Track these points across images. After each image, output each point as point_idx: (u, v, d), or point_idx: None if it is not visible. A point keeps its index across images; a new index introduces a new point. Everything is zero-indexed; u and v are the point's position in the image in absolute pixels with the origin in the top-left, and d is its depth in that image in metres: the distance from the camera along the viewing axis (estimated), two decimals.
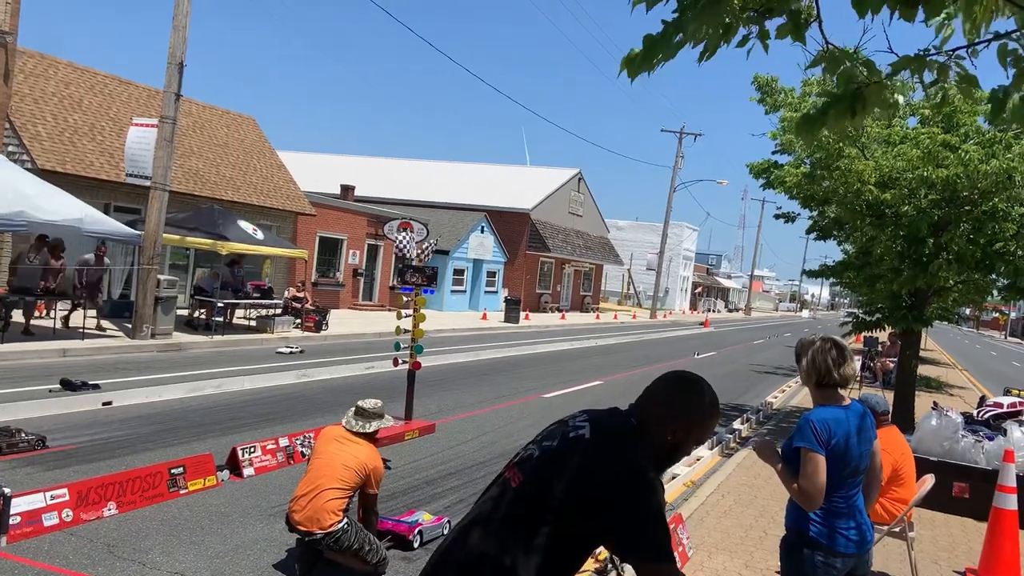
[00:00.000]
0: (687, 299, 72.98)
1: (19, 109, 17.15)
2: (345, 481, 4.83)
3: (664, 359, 23.25)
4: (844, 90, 2.26)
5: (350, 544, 4.76)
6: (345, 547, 4.76)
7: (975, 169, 9.74)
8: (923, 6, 2.07)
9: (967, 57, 2.24)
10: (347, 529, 4.75)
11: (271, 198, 24.06)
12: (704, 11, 2.06)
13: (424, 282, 9.43)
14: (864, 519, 3.35)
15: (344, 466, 4.85)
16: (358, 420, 5.18)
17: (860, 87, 2.24)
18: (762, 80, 11.56)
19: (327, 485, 4.76)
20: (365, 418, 5.20)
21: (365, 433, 5.15)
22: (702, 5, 2.06)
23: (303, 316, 19.52)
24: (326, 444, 5.05)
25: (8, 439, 7.06)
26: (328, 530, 4.69)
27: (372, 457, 5.04)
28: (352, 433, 5.12)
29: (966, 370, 31.22)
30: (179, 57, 14.90)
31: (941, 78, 2.24)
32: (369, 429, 5.17)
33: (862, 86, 2.24)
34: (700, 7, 2.07)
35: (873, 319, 13.35)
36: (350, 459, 4.90)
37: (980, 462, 7.94)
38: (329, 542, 4.72)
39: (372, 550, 4.88)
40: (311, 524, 4.71)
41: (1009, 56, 2.17)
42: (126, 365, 12.61)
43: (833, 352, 3.30)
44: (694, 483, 8.62)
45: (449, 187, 40.37)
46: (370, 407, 5.24)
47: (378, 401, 5.33)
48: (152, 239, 14.95)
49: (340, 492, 4.78)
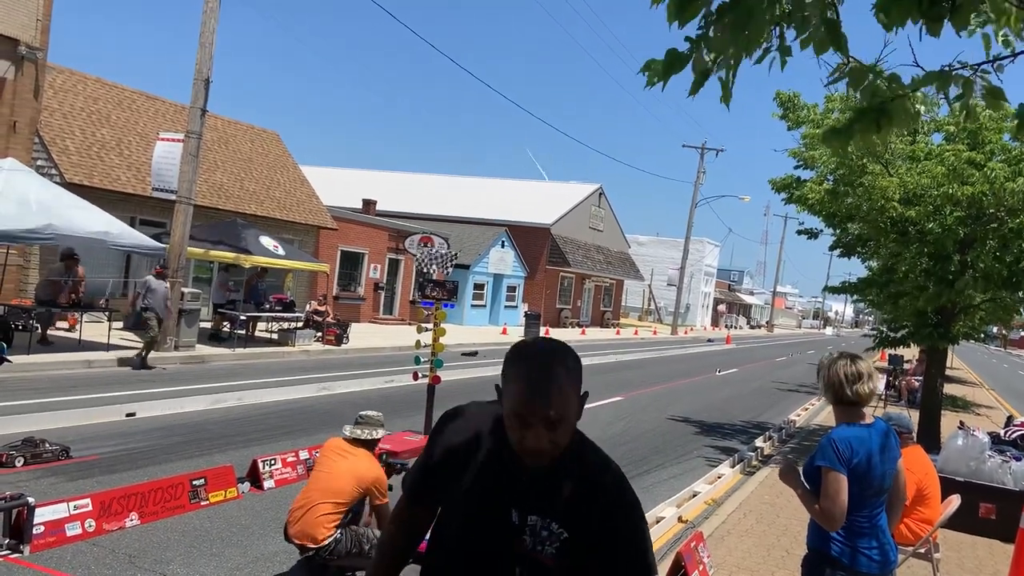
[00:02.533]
0: (708, 315, 72.56)
1: (48, 124, 17.46)
2: (340, 495, 4.72)
3: (685, 375, 23.11)
4: (869, 104, 2.25)
5: (348, 550, 4.73)
6: (344, 554, 4.73)
7: (1001, 187, 9.63)
8: (951, 21, 2.06)
9: (992, 72, 2.23)
10: (340, 539, 4.71)
11: (294, 212, 24.27)
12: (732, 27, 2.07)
13: (444, 296, 9.46)
14: (887, 539, 3.30)
15: (339, 480, 4.76)
16: (363, 429, 5.03)
17: (884, 101, 2.23)
18: (784, 96, 11.54)
19: (320, 499, 4.69)
20: (370, 425, 5.05)
21: (365, 442, 5.01)
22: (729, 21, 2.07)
23: (324, 329, 19.62)
24: (325, 457, 4.98)
25: (32, 449, 7.13)
26: (321, 544, 4.65)
27: (369, 468, 4.89)
28: (352, 443, 4.98)
29: (993, 389, 30.75)
30: (205, 73, 15.11)
31: (966, 93, 2.23)
32: (377, 435, 5.03)
33: (887, 100, 2.23)
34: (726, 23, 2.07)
35: (898, 336, 13.20)
36: (345, 472, 4.78)
37: (1007, 483, 7.81)
38: (325, 555, 4.69)
39: (374, 545, 4.84)
40: (304, 538, 4.66)
41: None
42: (149, 376, 12.73)
43: (849, 368, 3.26)
44: (715, 501, 8.54)
45: (470, 202, 40.51)
46: (372, 415, 5.11)
47: (378, 413, 5.20)
48: (177, 252, 15.13)
49: (333, 507, 4.68)
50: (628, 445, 11.26)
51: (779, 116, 11.70)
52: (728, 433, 13.54)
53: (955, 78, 2.23)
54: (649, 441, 11.79)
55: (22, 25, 15.17)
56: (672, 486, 8.97)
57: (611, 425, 12.77)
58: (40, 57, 15.65)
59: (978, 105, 2.30)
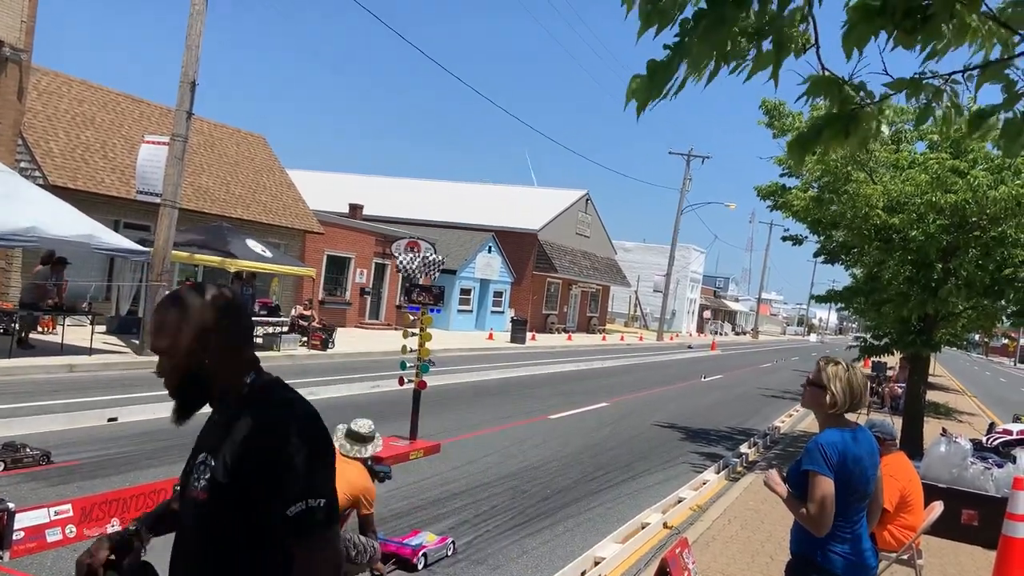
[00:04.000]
0: (694, 321, 72.81)
1: (32, 126, 17.32)
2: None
3: (671, 381, 23.16)
4: (840, 111, 2.27)
5: None
6: None
7: (984, 195, 9.73)
8: (920, 33, 2.08)
9: (962, 82, 2.26)
10: None
11: (280, 216, 24.18)
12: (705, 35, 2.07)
13: (431, 301, 9.44)
14: (868, 545, 3.33)
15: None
16: (353, 445, 5.05)
17: (855, 109, 2.25)
18: (770, 104, 11.61)
19: None
20: (361, 443, 5.07)
21: (357, 458, 5.03)
22: (703, 28, 2.07)
23: (310, 334, 19.54)
24: None
25: (13, 454, 7.06)
26: None
27: (359, 478, 4.91)
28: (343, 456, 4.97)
29: (975, 396, 30.99)
30: (191, 76, 15.04)
31: (935, 101, 2.26)
32: (365, 455, 5.05)
33: (857, 108, 2.25)
34: (701, 30, 2.08)
35: (881, 344, 13.28)
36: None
37: (989, 489, 7.86)
38: None
39: (360, 551, 4.84)
40: None
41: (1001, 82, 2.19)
42: (132, 381, 12.62)
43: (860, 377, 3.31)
44: (700, 507, 8.56)
45: (457, 207, 40.49)
46: (366, 432, 5.11)
47: (370, 422, 5.20)
48: (161, 256, 15.03)
49: None
50: (613, 451, 11.27)
51: (765, 124, 11.77)
52: (713, 439, 13.58)
53: (925, 87, 2.26)
54: (634, 447, 11.80)
55: (6, 26, 15.05)
56: (657, 492, 8.98)
57: (596, 431, 12.78)
58: (24, 59, 15.53)
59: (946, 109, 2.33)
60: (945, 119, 2.32)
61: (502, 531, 6.96)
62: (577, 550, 6.51)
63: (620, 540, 6.76)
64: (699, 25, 2.08)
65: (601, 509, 8.09)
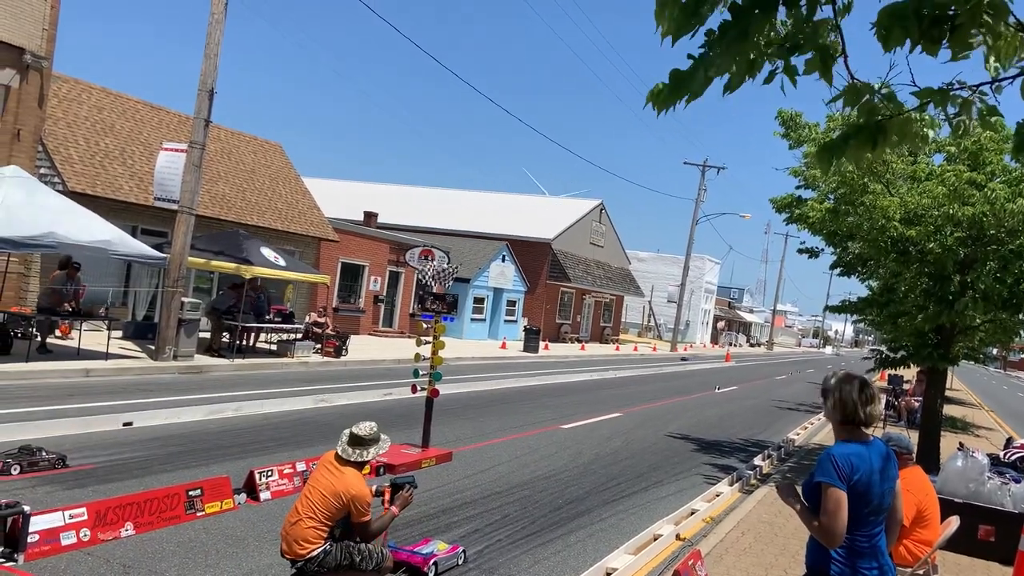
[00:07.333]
0: (708, 332, 72.49)
1: (52, 132, 17.52)
2: (325, 511, 4.71)
3: (684, 392, 23.06)
4: (866, 121, 2.27)
5: (339, 562, 4.72)
6: (334, 566, 4.71)
7: (1002, 207, 9.65)
8: (948, 42, 2.08)
9: (991, 93, 2.25)
10: (329, 551, 4.71)
11: (295, 224, 24.31)
12: (731, 46, 2.08)
13: (444, 310, 9.46)
14: (886, 560, 3.29)
15: (323, 495, 4.75)
16: (355, 449, 4.97)
17: (883, 119, 2.26)
18: (786, 115, 11.58)
19: (307, 513, 4.71)
20: (361, 446, 4.98)
21: (358, 462, 4.97)
22: (729, 39, 2.08)
23: (323, 341, 19.60)
24: (317, 471, 4.99)
25: (29, 457, 7.12)
26: (307, 557, 4.66)
27: (353, 484, 4.82)
28: (342, 461, 4.93)
29: (992, 411, 30.68)
30: (209, 84, 15.18)
31: (964, 112, 2.25)
32: (367, 457, 4.99)
33: (884, 118, 2.26)
34: (727, 41, 2.09)
35: (898, 356, 13.18)
36: (328, 488, 4.77)
37: (1006, 505, 7.78)
38: (313, 567, 4.69)
39: (365, 558, 4.82)
40: (290, 551, 4.71)
41: None
42: (148, 386, 12.71)
43: (862, 391, 3.28)
44: (713, 519, 8.51)
45: (471, 215, 40.59)
46: (365, 434, 5.01)
47: (373, 424, 5.11)
48: (177, 262, 15.14)
49: (317, 522, 4.70)
50: (626, 461, 11.22)
51: (781, 135, 11.73)
52: (727, 451, 13.50)
53: (953, 98, 2.26)
54: (647, 458, 11.75)
55: (28, 34, 15.25)
56: (670, 503, 8.94)
57: (609, 441, 12.74)
58: (45, 66, 15.72)
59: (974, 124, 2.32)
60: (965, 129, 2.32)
61: (514, 540, 6.95)
62: (589, 561, 6.48)
63: (633, 551, 6.72)
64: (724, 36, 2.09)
65: (614, 520, 8.06)
